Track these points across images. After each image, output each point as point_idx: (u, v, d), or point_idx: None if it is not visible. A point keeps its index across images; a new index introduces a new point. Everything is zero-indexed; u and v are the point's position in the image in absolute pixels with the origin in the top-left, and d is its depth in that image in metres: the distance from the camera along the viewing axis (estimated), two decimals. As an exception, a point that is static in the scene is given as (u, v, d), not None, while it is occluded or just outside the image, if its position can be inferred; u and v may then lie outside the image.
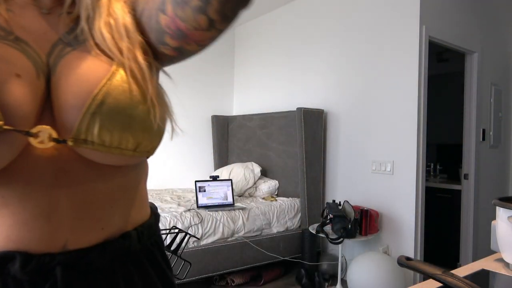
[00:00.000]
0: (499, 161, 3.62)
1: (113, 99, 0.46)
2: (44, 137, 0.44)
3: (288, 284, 3.02)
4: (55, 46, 0.49)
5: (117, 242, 0.51)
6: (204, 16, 0.47)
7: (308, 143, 3.22)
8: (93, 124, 0.45)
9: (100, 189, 0.49)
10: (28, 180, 0.45)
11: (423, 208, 2.78)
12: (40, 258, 0.45)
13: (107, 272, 0.50)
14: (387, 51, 2.91)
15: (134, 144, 0.48)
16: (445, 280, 0.75)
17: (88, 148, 0.46)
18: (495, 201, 0.97)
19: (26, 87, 0.44)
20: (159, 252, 0.60)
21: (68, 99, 0.45)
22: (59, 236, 0.46)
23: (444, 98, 4.12)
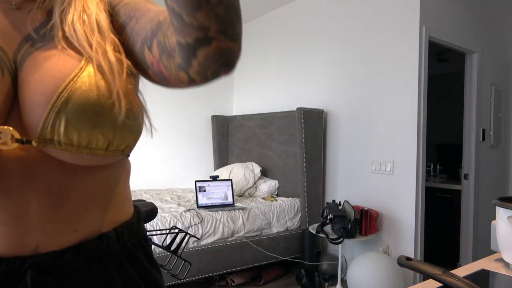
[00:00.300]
0: (499, 161, 3.62)
1: (80, 96, 0.43)
2: (7, 138, 0.42)
3: (288, 284, 3.02)
4: (23, 43, 0.47)
5: (92, 243, 0.49)
6: (185, 74, 0.46)
7: (308, 143, 3.22)
8: (58, 122, 0.42)
9: (72, 191, 0.47)
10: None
11: (423, 208, 2.78)
12: (10, 261, 0.43)
13: (83, 274, 0.49)
14: (387, 51, 2.91)
15: (104, 143, 0.46)
16: (445, 280, 0.75)
17: (55, 149, 0.44)
18: (495, 201, 0.97)
19: None
20: (142, 251, 0.58)
21: (33, 97, 0.43)
22: (29, 239, 0.45)
23: (444, 98, 4.12)
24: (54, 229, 0.46)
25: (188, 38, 0.41)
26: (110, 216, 0.53)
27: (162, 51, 0.47)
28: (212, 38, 0.41)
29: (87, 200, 0.49)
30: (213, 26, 0.40)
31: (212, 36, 0.41)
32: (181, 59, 0.44)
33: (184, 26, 0.41)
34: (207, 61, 0.43)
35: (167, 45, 0.46)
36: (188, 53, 0.43)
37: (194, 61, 0.43)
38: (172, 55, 0.46)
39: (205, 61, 0.43)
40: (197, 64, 0.43)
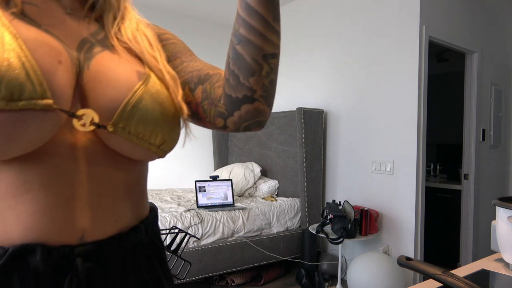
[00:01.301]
0: (499, 161, 3.62)
1: (151, 97, 0.50)
2: (87, 120, 0.46)
3: (288, 284, 3.02)
4: (83, 43, 0.51)
5: (130, 234, 0.53)
6: (223, 121, 0.58)
7: (308, 143, 3.22)
8: (133, 114, 0.48)
9: (116, 182, 0.51)
10: (54, 166, 0.45)
11: (423, 208, 2.78)
12: (60, 250, 0.45)
13: (119, 265, 0.51)
14: (387, 51, 2.91)
15: (161, 140, 0.52)
16: (445, 280, 0.75)
17: (123, 138, 0.48)
18: (495, 201, 0.97)
19: (67, 74, 0.46)
20: (159, 242, 0.62)
21: (107, 92, 0.48)
22: (77, 226, 0.47)
23: (444, 98, 4.12)
24: (98, 218, 0.49)
25: (239, 94, 0.54)
26: (139, 210, 0.57)
27: (206, 97, 0.58)
28: (255, 99, 0.55)
29: (125, 192, 0.53)
30: (258, 91, 0.55)
31: (256, 98, 0.55)
32: (226, 109, 0.56)
33: (238, 84, 0.54)
34: (247, 115, 0.56)
35: (212, 95, 0.58)
36: (234, 106, 0.55)
37: (236, 113, 0.56)
38: (215, 104, 0.57)
39: (245, 115, 0.56)
40: (238, 115, 0.56)
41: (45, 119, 0.42)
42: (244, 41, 0.52)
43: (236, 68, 0.53)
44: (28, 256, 0.44)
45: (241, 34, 0.52)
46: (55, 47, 0.46)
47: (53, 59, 0.44)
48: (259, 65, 0.53)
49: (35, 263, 0.44)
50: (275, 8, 0.53)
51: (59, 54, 0.46)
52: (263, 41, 0.52)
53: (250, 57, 0.52)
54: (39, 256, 0.43)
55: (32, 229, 0.44)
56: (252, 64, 0.53)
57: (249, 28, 0.52)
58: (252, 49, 0.52)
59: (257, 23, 0.52)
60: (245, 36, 0.52)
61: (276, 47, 0.54)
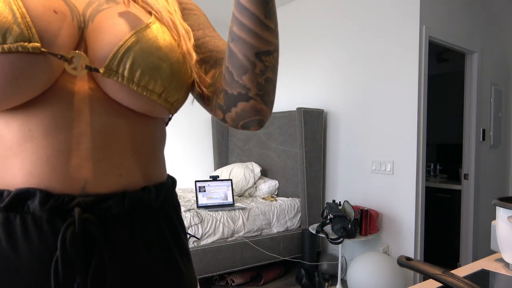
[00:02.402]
0: (499, 161, 3.62)
1: (148, 40, 0.49)
2: (78, 63, 0.46)
3: (288, 284, 3.02)
4: (91, 3, 0.51)
5: (136, 192, 0.51)
6: (222, 114, 0.57)
7: (308, 143, 3.22)
8: (126, 57, 0.47)
9: (120, 134, 0.50)
10: (56, 115, 0.46)
11: (423, 208, 2.78)
12: (60, 197, 0.45)
13: (124, 222, 0.50)
14: (387, 51, 2.91)
15: (161, 87, 0.50)
16: (445, 280, 0.75)
17: (117, 82, 0.47)
18: (495, 201, 0.97)
19: (62, 23, 0.46)
20: (176, 215, 0.60)
21: (104, 37, 0.48)
22: (79, 176, 0.47)
23: (444, 98, 4.12)
24: (101, 169, 0.48)
25: (234, 90, 0.54)
26: (150, 173, 0.55)
27: (212, 84, 0.58)
28: (250, 97, 0.54)
29: (132, 147, 0.52)
30: (253, 89, 0.53)
31: (251, 96, 0.54)
32: (224, 103, 0.56)
33: (232, 81, 0.53)
34: (243, 113, 0.55)
35: (217, 83, 0.57)
36: (231, 102, 0.55)
37: (233, 109, 0.55)
38: (217, 94, 0.57)
39: (242, 112, 0.55)
40: (235, 112, 0.56)
41: (34, 62, 0.43)
42: (236, 38, 0.51)
43: (230, 65, 0.53)
44: (29, 200, 0.45)
45: (234, 32, 0.51)
46: (50, 1, 0.46)
47: (47, 8, 0.45)
48: (252, 62, 0.52)
49: (34, 207, 0.44)
50: (267, 4, 0.50)
51: (55, 5, 0.46)
52: (254, 39, 0.51)
53: (242, 54, 0.51)
54: (37, 201, 0.44)
55: (34, 176, 0.45)
56: (245, 62, 0.52)
57: (240, 25, 0.51)
58: (243, 47, 0.51)
59: (248, 21, 0.50)
60: (237, 33, 0.51)
61: (270, 44, 0.52)
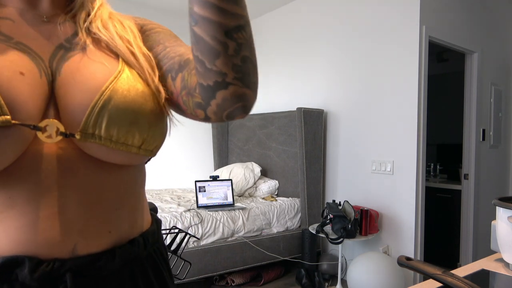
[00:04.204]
0: (499, 161, 3.62)
1: (121, 95, 0.47)
2: (52, 131, 0.44)
3: (288, 284, 3.02)
4: (57, 50, 0.50)
5: (125, 247, 0.51)
6: (203, 112, 0.51)
7: (308, 143, 3.22)
8: (101, 118, 0.45)
9: (105, 190, 0.49)
10: (36, 180, 0.44)
11: (423, 208, 2.78)
12: (50, 264, 0.44)
13: (115, 278, 0.50)
14: (387, 51, 2.91)
15: (139, 140, 0.49)
16: (445, 280, 0.75)
17: (95, 143, 0.46)
18: (495, 201, 0.97)
19: (30, 85, 0.44)
20: (161, 259, 0.60)
21: (75, 96, 0.46)
22: (68, 239, 0.46)
23: (444, 98, 4.12)
24: (90, 229, 0.47)
25: (209, 81, 0.48)
26: (137, 222, 0.55)
27: (184, 87, 0.52)
28: (229, 83, 0.47)
29: (117, 201, 0.51)
30: (230, 73, 0.47)
31: (229, 82, 0.47)
32: (202, 99, 0.50)
33: (205, 71, 0.47)
34: (224, 102, 0.49)
35: (189, 83, 0.51)
36: (208, 94, 0.49)
37: (213, 102, 0.49)
38: (192, 94, 0.51)
39: (223, 102, 0.49)
40: (215, 104, 0.49)
41: (5, 136, 0.41)
42: (200, 19, 0.45)
43: (199, 53, 0.47)
44: (17, 269, 0.43)
45: (195, 12, 0.45)
46: (16, 60, 0.45)
47: (13, 72, 0.43)
48: (223, 43, 0.45)
49: (23, 276, 0.43)
50: None
51: (21, 66, 0.44)
52: (220, 15, 0.44)
53: (210, 36, 0.45)
54: (27, 269, 0.43)
55: (21, 243, 0.44)
56: (214, 45, 0.45)
57: (201, 3, 0.44)
58: (210, 27, 0.45)
59: None
60: (200, 13, 0.45)
61: (239, 18, 0.46)
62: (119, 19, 0.57)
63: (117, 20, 0.56)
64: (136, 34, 0.56)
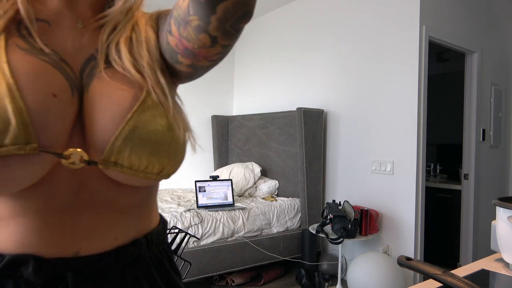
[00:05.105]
0: (499, 161, 3.62)
1: (143, 126, 0.47)
2: (76, 159, 0.45)
3: (288, 284, 3.02)
4: (87, 62, 0.50)
5: (128, 248, 0.52)
6: (206, 34, 0.48)
7: (308, 143, 3.22)
8: (124, 148, 0.46)
9: (116, 204, 0.51)
10: (51, 193, 0.46)
11: (423, 208, 2.78)
12: (53, 263, 0.45)
13: (117, 277, 0.51)
14: (387, 51, 2.91)
15: (159, 169, 0.49)
16: (445, 280, 0.75)
17: (116, 171, 0.47)
18: (495, 201, 0.97)
19: (61, 107, 0.45)
20: (166, 258, 0.61)
21: (101, 121, 0.46)
22: (73, 244, 0.47)
23: (444, 98, 4.12)
24: (96, 237, 0.49)
25: None
26: (143, 225, 0.56)
27: (179, 24, 0.49)
28: None
29: (127, 212, 0.52)
30: None
31: None
32: (199, 19, 0.46)
33: None
34: (226, 14, 0.45)
35: (181, 15, 0.48)
36: (207, 10, 0.45)
37: (213, 18, 0.45)
38: (187, 21, 0.47)
39: (224, 15, 0.45)
40: (216, 19, 0.45)
41: (31, 163, 0.42)
42: None
43: None
44: (22, 267, 0.44)
45: None
46: (50, 80, 0.44)
47: (46, 94, 0.43)
48: None
49: (28, 273, 0.44)
50: None
51: (54, 86, 0.45)
52: None
53: None
54: (31, 268, 0.44)
55: (26, 245, 0.45)
56: None
57: None
58: None
59: None
60: None
61: None
62: (143, 31, 0.54)
63: (141, 32, 0.54)
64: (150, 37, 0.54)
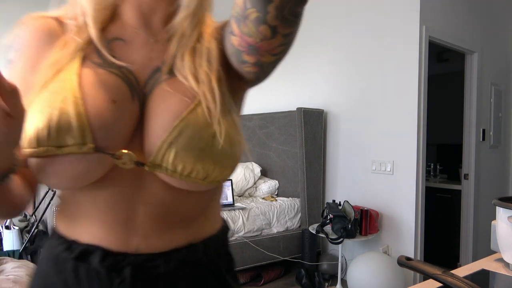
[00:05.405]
0: (499, 161, 3.62)
1: (189, 133, 0.50)
2: (127, 159, 0.50)
3: (288, 284, 3.02)
4: (153, 74, 0.54)
5: (182, 252, 0.55)
6: (265, 25, 0.48)
7: (308, 143, 3.22)
8: (168, 153, 0.49)
9: (172, 206, 0.54)
10: (114, 192, 0.52)
11: (423, 208, 2.78)
12: (116, 256, 0.52)
13: (169, 278, 0.54)
14: (387, 51, 2.91)
15: (203, 175, 0.51)
16: (445, 280, 0.75)
17: (162, 173, 0.51)
18: (495, 201, 0.97)
19: (120, 112, 0.50)
20: (225, 263, 0.63)
21: (154, 126, 0.51)
22: (132, 241, 0.53)
23: (444, 98, 4.12)
24: (153, 236, 0.54)
25: None
26: (200, 230, 0.59)
27: (238, 22, 0.50)
28: None
29: (181, 217, 0.56)
30: None
31: None
32: (257, 10, 0.46)
33: None
34: (282, 1, 0.45)
35: (239, 11, 0.49)
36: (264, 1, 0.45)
37: (270, 6, 0.45)
38: (246, 16, 0.48)
39: (281, 1, 0.45)
40: (273, 8, 0.46)
41: (89, 161, 0.48)
42: None
43: None
44: (91, 255, 0.52)
45: None
46: (112, 88, 0.50)
47: (106, 101, 0.49)
48: None
49: (95, 262, 0.52)
50: None
51: (115, 93, 0.50)
52: None
53: None
54: (98, 258, 0.52)
55: (96, 237, 0.53)
56: None
57: None
58: None
59: None
60: None
61: None
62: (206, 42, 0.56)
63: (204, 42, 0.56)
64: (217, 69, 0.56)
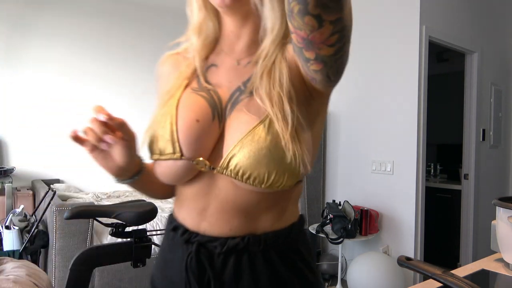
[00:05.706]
0: (499, 161, 3.62)
1: (251, 146, 0.59)
2: (202, 165, 0.63)
3: (288, 284, 3.01)
4: (233, 94, 0.65)
5: (235, 240, 0.65)
6: (309, 16, 0.49)
7: (308, 143, 3.22)
8: (231, 162, 0.60)
9: (235, 203, 0.64)
10: (197, 188, 0.66)
11: (423, 208, 2.78)
12: (190, 233, 0.67)
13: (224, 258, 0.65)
14: (387, 51, 2.91)
15: (259, 183, 0.60)
16: (445, 280, 0.75)
17: (228, 177, 0.62)
18: (495, 201, 0.97)
19: (202, 129, 0.63)
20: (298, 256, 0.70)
21: (228, 141, 0.62)
22: (202, 224, 0.67)
23: (444, 98, 4.12)
24: (217, 224, 0.66)
25: None
26: (261, 224, 0.67)
27: (289, 18, 0.52)
28: None
29: (243, 212, 0.65)
30: None
31: None
32: (298, 2, 0.48)
33: None
34: None
35: (287, 9, 0.51)
36: None
37: None
38: (291, 11, 0.50)
39: None
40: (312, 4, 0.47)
41: (179, 166, 0.64)
42: None
43: None
44: (178, 230, 0.69)
45: None
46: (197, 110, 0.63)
47: (191, 120, 0.63)
48: None
49: (178, 235, 0.69)
50: None
51: (199, 114, 0.63)
52: None
53: None
54: (180, 232, 0.68)
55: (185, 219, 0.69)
56: None
57: None
58: None
59: None
60: None
61: None
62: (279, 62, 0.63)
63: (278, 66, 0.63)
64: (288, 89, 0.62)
